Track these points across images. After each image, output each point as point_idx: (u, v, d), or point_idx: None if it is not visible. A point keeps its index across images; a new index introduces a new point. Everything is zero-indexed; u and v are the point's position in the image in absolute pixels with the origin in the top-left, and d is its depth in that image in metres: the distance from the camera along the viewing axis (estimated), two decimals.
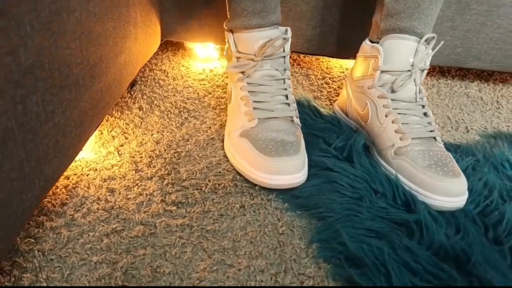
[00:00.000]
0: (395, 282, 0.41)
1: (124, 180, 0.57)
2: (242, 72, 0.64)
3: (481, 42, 0.86)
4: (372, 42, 0.65)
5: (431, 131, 0.60)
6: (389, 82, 0.62)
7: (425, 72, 0.64)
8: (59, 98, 0.41)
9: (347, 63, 0.98)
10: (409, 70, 0.61)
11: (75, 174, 0.57)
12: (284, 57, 0.65)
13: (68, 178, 0.56)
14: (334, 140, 0.63)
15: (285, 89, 0.64)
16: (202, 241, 0.49)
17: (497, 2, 0.81)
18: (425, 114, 0.62)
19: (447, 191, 0.53)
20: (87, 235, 0.48)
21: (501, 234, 0.49)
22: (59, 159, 0.43)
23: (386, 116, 0.61)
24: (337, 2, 0.82)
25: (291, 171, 0.55)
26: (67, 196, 0.53)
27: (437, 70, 1.03)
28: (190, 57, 0.96)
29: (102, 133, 0.66)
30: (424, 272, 0.42)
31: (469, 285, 0.41)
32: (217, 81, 0.86)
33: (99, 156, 0.61)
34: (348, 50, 0.82)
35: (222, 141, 0.66)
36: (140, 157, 0.61)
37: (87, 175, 0.57)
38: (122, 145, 0.64)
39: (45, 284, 0.42)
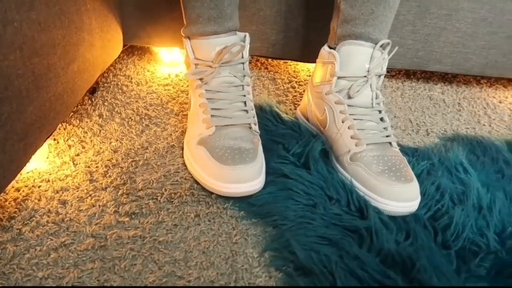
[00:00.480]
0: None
1: (78, 191, 0.56)
2: (201, 79, 0.63)
3: (442, 45, 0.88)
4: (330, 48, 0.66)
5: (387, 136, 0.61)
6: (345, 88, 0.62)
7: (382, 77, 0.65)
8: None
9: (314, 67, 0.98)
10: (365, 76, 0.61)
11: (26, 186, 0.56)
12: (243, 63, 0.65)
13: (19, 191, 0.55)
14: (293, 146, 0.63)
15: (244, 95, 0.64)
16: (154, 253, 0.48)
17: (456, 6, 0.83)
18: (381, 119, 0.63)
19: (399, 196, 0.53)
20: (34, 250, 0.47)
21: (449, 238, 0.50)
22: None
23: (342, 122, 0.61)
24: (299, 6, 0.82)
25: (247, 179, 0.55)
26: (16, 210, 0.52)
27: (403, 73, 1.05)
28: (155, 62, 0.95)
29: (58, 142, 0.65)
30: (370, 279, 0.43)
31: None
32: (182, 86, 0.85)
33: (53, 167, 0.60)
34: (312, 54, 0.82)
35: (182, 148, 0.66)
36: (96, 167, 0.60)
37: (39, 186, 0.56)
38: (78, 155, 0.63)
39: None
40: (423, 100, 0.93)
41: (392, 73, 1.05)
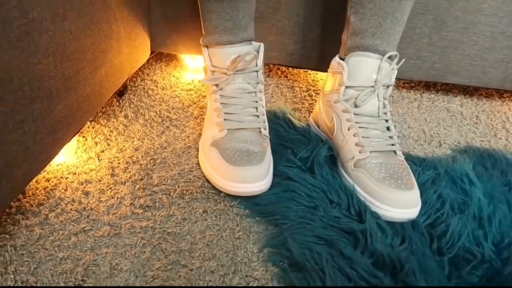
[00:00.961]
0: (330, 284, 0.44)
1: (100, 184, 0.61)
2: (216, 85, 0.68)
3: (459, 58, 0.88)
4: (340, 58, 0.69)
5: (392, 144, 0.63)
6: (353, 97, 0.65)
7: (391, 88, 0.67)
8: (30, 109, 0.46)
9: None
10: (372, 86, 0.64)
11: (55, 177, 0.62)
12: (256, 71, 0.69)
13: (49, 181, 0.61)
14: (301, 151, 0.66)
15: (256, 101, 0.67)
16: (162, 243, 0.53)
17: (473, 20, 0.83)
18: (388, 128, 0.65)
19: (398, 203, 0.55)
20: (57, 233, 0.52)
21: (444, 245, 0.51)
22: (29, 163, 0.47)
23: (348, 130, 0.64)
24: (316, 19, 0.85)
25: (253, 179, 0.58)
26: (45, 197, 0.58)
27: (422, 85, 1.05)
28: (181, 68, 1.01)
29: (86, 139, 0.71)
30: (358, 278, 0.45)
31: None
32: (203, 91, 0.90)
33: (80, 161, 0.66)
34: (328, 64, 0.85)
35: (198, 149, 0.70)
36: (118, 163, 0.66)
37: (66, 178, 0.62)
38: (103, 151, 0.68)
39: (12, 276, 0.46)
40: (440, 112, 0.93)
41: (412, 84, 1.05)
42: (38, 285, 0.45)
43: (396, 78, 1.02)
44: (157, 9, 0.86)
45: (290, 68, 1.06)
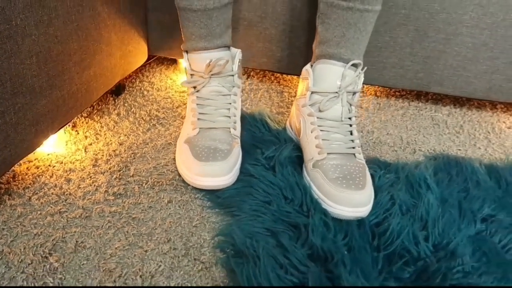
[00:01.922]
0: (262, 270, 0.48)
1: (82, 172, 0.68)
2: (194, 87, 0.73)
3: (442, 68, 0.90)
4: (311, 66, 0.73)
5: (352, 147, 0.66)
6: (318, 102, 0.69)
7: (357, 94, 0.70)
8: (11, 102, 0.53)
9: None
10: (336, 92, 0.68)
11: (44, 165, 0.69)
12: (232, 75, 0.74)
13: (38, 168, 0.68)
14: (269, 151, 0.71)
15: (230, 103, 0.73)
16: (125, 226, 0.58)
17: (455, 31, 0.85)
18: (351, 132, 0.68)
19: (346, 202, 0.59)
20: (36, 213, 0.59)
21: (383, 243, 0.55)
22: (10, 150, 0.55)
23: (311, 132, 0.68)
24: (302, 28, 0.90)
25: (216, 174, 0.63)
26: (32, 182, 0.65)
27: (414, 93, 1.07)
28: (179, 71, 1.07)
29: (78, 133, 0.78)
30: (289, 265, 0.49)
31: (327, 278, 0.48)
32: None
33: (68, 152, 0.73)
34: None
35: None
36: (102, 155, 0.73)
37: (54, 166, 0.69)
38: (90, 144, 0.76)
39: None
40: (424, 120, 0.95)
41: (402, 93, 1.08)
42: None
43: (381, 86, 1.06)
44: (154, 16, 0.93)
45: (284, 75, 1.11)
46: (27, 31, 0.53)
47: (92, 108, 0.87)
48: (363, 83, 0.97)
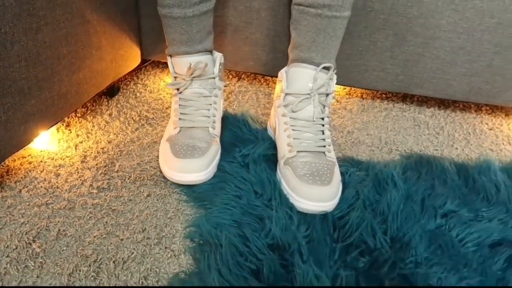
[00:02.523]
0: (224, 256, 0.52)
1: (70, 167, 0.73)
2: (177, 89, 0.78)
3: (421, 71, 0.93)
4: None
5: (322, 146, 0.70)
6: (291, 103, 0.72)
7: (330, 96, 0.74)
8: (1, 102, 0.58)
9: None
10: (308, 94, 0.71)
11: (36, 161, 0.74)
12: (214, 78, 0.78)
13: (30, 163, 0.74)
14: (245, 149, 0.75)
15: (210, 104, 0.77)
16: (105, 217, 0.63)
17: (433, 35, 0.88)
18: (322, 132, 0.72)
19: (311, 196, 0.62)
20: (24, 204, 0.64)
21: (342, 235, 0.58)
22: (0, 146, 0.60)
23: (284, 131, 0.72)
24: (285, 33, 0.94)
25: (192, 170, 0.68)
26: (23, 176, 0.70)
27: (400, 96, 1.10)
28: None
29: (71, 132, 0.84)
30: (248, 253, 0.53)
31: (281, 265, 0.52)
32: None
33: (60, 149, 0.78)
34: None
35: None
36: (90, 152, 0.78)
37: (45, 162, 0.74)
38: (81, 142, 0.81)
39: None
40: (405, 121, 0.98)
41: (388, 95, 1.10)
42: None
43: (364, 89, 1.09)
44: (146, 22, 0.98)
45: (273, 77, 1.15)
46: (16, 37, 0.59)
47: (86, 108, 0.92)
48: (347, 85, 1.01)
